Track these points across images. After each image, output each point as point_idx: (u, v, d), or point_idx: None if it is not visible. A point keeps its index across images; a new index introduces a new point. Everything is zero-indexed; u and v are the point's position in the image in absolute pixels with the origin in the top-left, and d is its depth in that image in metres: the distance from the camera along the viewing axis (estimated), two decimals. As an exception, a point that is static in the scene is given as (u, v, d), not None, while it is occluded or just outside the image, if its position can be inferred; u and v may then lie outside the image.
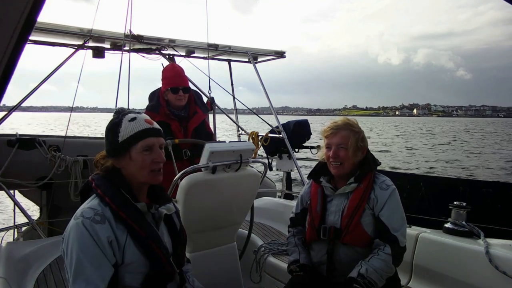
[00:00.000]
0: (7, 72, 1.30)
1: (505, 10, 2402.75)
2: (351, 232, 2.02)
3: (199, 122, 3.16)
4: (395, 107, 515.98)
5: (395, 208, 2.04)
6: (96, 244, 1.38)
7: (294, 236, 2.31)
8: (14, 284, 2.32)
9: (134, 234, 1.47)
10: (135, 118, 1.57)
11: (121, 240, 1.45)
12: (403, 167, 18.68)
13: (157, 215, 1.60)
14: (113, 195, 1.49)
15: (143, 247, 1.48)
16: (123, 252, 1.45)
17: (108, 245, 1.41)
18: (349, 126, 2.11)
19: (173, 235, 1.66)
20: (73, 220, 1.44)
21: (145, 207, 1.54)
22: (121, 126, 1.55)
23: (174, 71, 3.14)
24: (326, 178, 2.19)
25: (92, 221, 1.41)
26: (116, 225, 1.45)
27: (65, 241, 1.43)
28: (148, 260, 1.49)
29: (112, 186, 1.52)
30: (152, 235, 1.51)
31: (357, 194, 2.06)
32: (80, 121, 63.61)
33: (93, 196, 1.53)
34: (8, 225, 4.19)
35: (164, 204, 1.64)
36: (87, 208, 1.46)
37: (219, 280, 2.50)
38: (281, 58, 5.52)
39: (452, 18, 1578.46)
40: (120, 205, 1.48)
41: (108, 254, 1.41)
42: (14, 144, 4.13)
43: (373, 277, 1.92)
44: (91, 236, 1.38)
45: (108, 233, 1.42)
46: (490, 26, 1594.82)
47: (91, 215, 1.42)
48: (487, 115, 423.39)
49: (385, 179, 2.12)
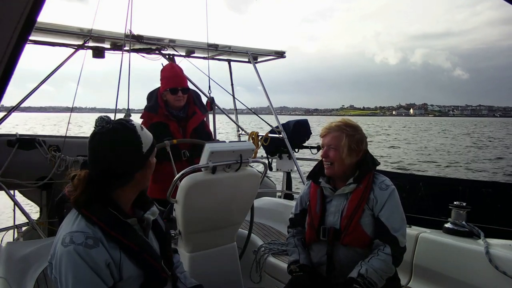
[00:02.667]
0: (7, 72, 1.29)
1: (502, 10, 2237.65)
2: (351, 233, 2.02)
3: (198, 123, 3.14)
4: (392, 107, 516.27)
5: (395, 208, 2.04)
6: (92, 270, 1.30)
7: (293, 236, 2.31)
8: (14, 284, 2.32)
9: (128, 250, 1.41)
10: (138, 124, 1.51)
11: (116, 258, 1.38)
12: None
13: (144, 223, 1.54)
14: (100, 214, 1.38)
15: (138, 261, 1.43)
16: (119, 270, 1.39)
17: (106, 268, 1.34)
18: (342, 127, 2.11)
19: (159, 237, 1.62)
20: (61, 245, 1.32)
21: (135, 221, 1.48)
22: (141, 137, 1.46)
23: (172, 71, 3.11)
24: (325, 179, 2.19)
25: (85, 247, 1.30)
26: (109, 244, 1.37)
27: (56, 269, 1.33)
28: (144, 271, 1.45)
29: (97, 203, 1.41)
30: (145, 247, 1.46)
31: (356, 195, 2.06)
32: (79, 121, 63.74)
33: (76, 215, 1.40)
34: (8, 225, 4.19)
35: (148, 208, 1.57)
36: (76, 233, 1.33)
37: (219, 280, 2.50)
38: (281, 58, 5.52)
39: (450, 18, 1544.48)
40: (110, 223, 1.38)
41: (106, 278, 1.34)
42: (14, 144, 4.13)
43: (373, 277, 1.92)
44: (86, 264, 1.29)
45: (105, 256, 1.34)
46: (487, 25, 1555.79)
47: (83, 240, 1.31)
48: (483, 115, 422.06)
49: (384, 179, 2.11)
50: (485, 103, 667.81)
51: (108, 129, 1.43)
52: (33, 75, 33.28)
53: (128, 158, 1.44)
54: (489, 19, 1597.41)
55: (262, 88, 5.14)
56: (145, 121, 3.04)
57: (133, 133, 1.45)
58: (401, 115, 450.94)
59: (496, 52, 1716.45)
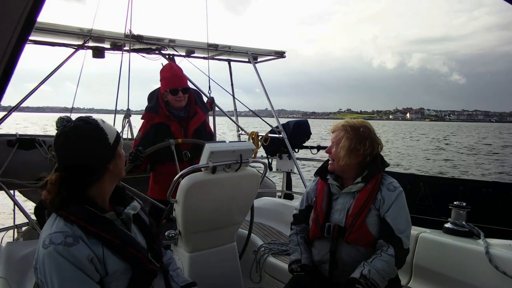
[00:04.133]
0: (7, 72, 1.29)
1: (499, 15, 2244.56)
2: (355, 231, 2.03)
3: (200, 123, 3.12)
4: (389, 111, 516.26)
5: (401, 210, 2.05)
6: (76, 267, 1.31)
7: (296, 234, 2.31)
8: (14, 284, 2.32)
9: (109, 244, 1.41)
10: (99, 118, 1.51)
11: (98, 253, 1.38)
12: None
13: (125, 218, 1.55)
14: (78, 212, 1.39)
15: (122, 254, 1.43)
16: (104, 264, 1.40)
17: (90, 264, 1.34)
18: (346, 127, 2.14)
19: (144, 231, 1.62)
20: (42, 248, 1.33)
21: (113, 215, 1.49)
22: (104, 129, 1.47)
23: (172, 71, 3.08)
24: (333, 176, 2.20)
25: (65, 246, 1.31)
26: (89, 240, 1.38)
27: (40, 272, 1.33)
28: (130, 264, 1.45)
29: (73, 202, 1.42)
30: (127, 240, 1.46)
31: (363, 194, 2.07)
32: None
33: (54, 217, 1.41)
34: (8, 225, 4.18)
35: (128, 204, 1.58)
36: (55, 233, 1.34)
37: (219, 280, 2.50)
38: (281, 58, 5.52)
39: (447, 22, 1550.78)
40: (88, 220, 1.39)
41: (91, 273, 1.35)
42: (14, 144, 4.13)
43: (375, 278, 1.92)
44: (68, 261, 1.30)
45: (86, 252, 1.35)
46: (484, 31, 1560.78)
47: (62, 239, 1.32)
48: (479, 120, 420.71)
49: (392, 181, 2.12)
50: (482, 108, 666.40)
51: (70, 127, 1.44)
52: (30, 75, 33.22)
53: (96, 152, 1.45)
54: (487, 24, 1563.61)
55: (259, 90, 5.14)
56: (146, 121, 3.04)
57: (95, 127, 1.46)
58: (398, 119, 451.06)
59: (494, 58, 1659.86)
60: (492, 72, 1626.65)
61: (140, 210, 1.64)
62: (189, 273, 2.34)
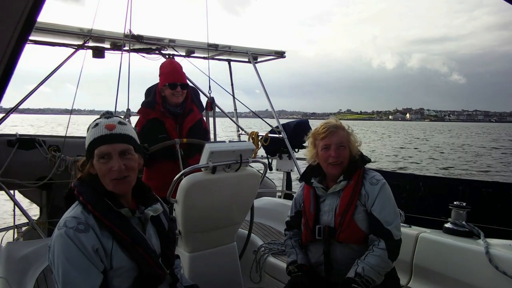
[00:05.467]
0: (7, 72, 1.29)
1: (499, 15, 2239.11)
2: (345, 229, 2.04)
3: (195, 121, 3.11)
4: (389, 111, 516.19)
5: (386, 201, 2.05)
6: (82, 253, 1.37)
7: (290, 238, 2.33)
8: (14, 284, 2.32)
9: (120, 240, 1.45)
10: (98, 124, 1.53)
11: (107, 246, 1.43)
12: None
13: (143, 217, 1.57)
14: (95, 202, 1.46)
15: (130, 252, 1.46)
16: (110, 258, 1.43)
17: (94, 253, 1.39)
18: (342, 126, 2.18)
19: (161, 235, 1.63)
20: (56, 230, 1.41)
21: (129, 212, 1.51)
22: (87, 132, 1.54)
23: (171, 66, 3.09)
24: (317, 179, 2.21)
25: (76, 231, 1.38)
26: (101, 232, 1.43)
27: (51, 252, 1.40)
28: (137, 264, 1.47)
29: (95, 192, 1.49)
30: (138, 239, 1.48)
31: (347, 191, 2.08)
32: (79, 123, 63.34)
33: (76, 203, 1.50)
34: (8, 225, 4.19)
35: (151, 205, 1.60)
36: (70, 217, 1.43)
37: (219, 280, 2.50)
38: (281, 58, 5.52)
39: (447, 22, 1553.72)
40: (103, 212, 1.45)
41: (96, 261, 1.39)
42: (14, 144, 4.14)
43: (370, 274, 1.93)
44: (76, 246, 1.36)
45: (93, 242, 1.40)
46: (484, 31, 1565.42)
47: (74, 225, 1.39)
48: (479, 120, 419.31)
49: (374, 175, 2.14)
50: (482, 108, 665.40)
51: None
52: (30, 77, 33.29)
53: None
54: (487, 24, 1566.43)
55: (259, 91, 5.14)
56: (142, 116, 3.04)
57: (88, 127, 1.56)
58: (398, 119, 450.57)
59: (493, 58, 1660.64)
60: (491, 72, 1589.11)
61: (161, 214, 1.66)
62: (189, 273, 2.34)
